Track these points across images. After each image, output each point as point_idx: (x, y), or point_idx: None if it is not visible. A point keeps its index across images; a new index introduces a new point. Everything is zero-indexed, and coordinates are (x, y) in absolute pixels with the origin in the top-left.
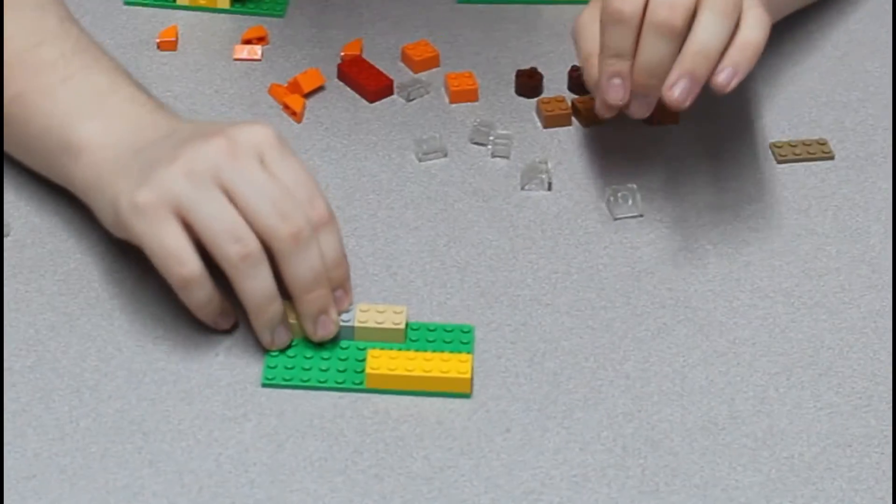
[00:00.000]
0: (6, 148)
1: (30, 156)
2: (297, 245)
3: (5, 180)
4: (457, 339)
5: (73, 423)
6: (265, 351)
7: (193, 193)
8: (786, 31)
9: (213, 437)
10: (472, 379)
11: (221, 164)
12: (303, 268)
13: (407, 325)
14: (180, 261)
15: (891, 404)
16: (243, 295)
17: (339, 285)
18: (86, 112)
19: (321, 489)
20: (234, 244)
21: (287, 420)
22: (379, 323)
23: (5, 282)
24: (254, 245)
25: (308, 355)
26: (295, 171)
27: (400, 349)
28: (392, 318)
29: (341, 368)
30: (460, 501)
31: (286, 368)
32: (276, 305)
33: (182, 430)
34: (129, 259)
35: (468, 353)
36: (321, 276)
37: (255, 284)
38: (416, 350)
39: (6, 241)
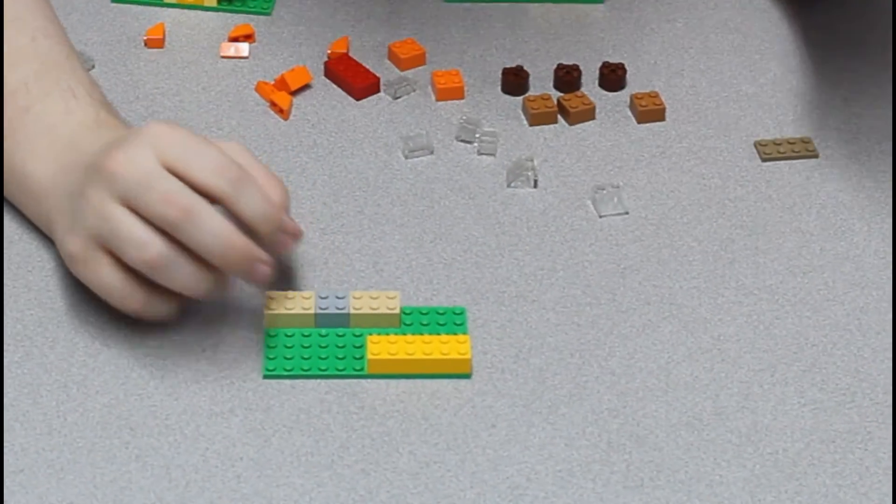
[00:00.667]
0: None
1: (6, 187)
2: (188, 218)
3: None
4: (450, 320)
5: (61, 418)
6: (255, 346)
7: (102, 230)
8: (771, 29)
9: (199, 432)
10: (471, 359)
11: (113, 183)
12: (206, 238)
13: (400, 309)
14: (121, 296)
15: (874, 401)
16: (173, 289)
17: (276, 231)
18: (40, 153)
19: (307, 484)
20: (139, 253)
21: (274, 415)
22: (374, 309)
23: None
24: (154, 249)
25: (306, 345)
26: (195, 150)
27: (396, 333)
28: (386, 303)
29: (340, 356)
30: (446, 496)
31: (286, 359)
32: (206, 286)
33: (169, 425)
34: None
35: (465, 333)
36: (230, 237)
37: (174, 280)
38: (413, 333)
39: None
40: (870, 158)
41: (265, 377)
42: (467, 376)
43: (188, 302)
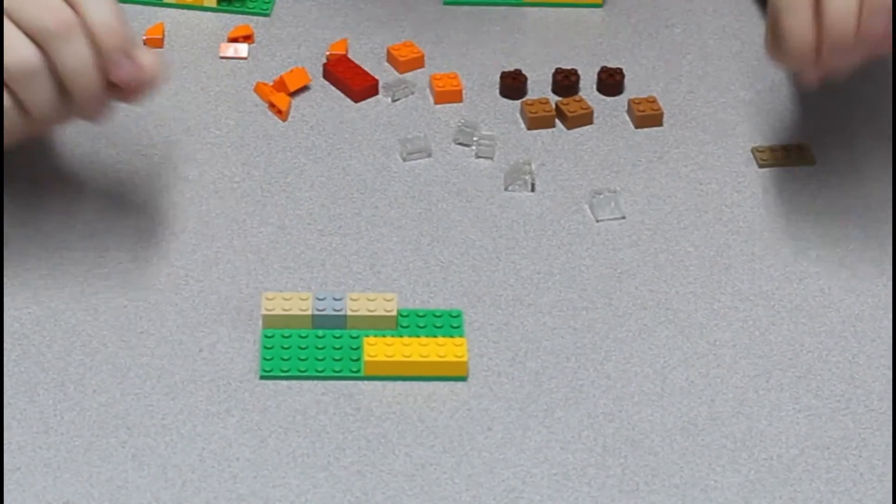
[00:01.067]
0: None
1: None
2: (62, 34)
3: None
4: (447, 323)
5: (57, 417)
6: (252, 346)
7: None
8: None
9: (196, 431)
10: (468, 362)
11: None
12: (72, 58)
13: (397, 312)
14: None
15: (869, 407)
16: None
17: (116, 50)
18: None
19: (303, 485)
20: (10, 54)
21: (270, 416)
22: (371, 311)
23: None
24: (20, 56)
25: (302, 346)
26: None
27: (393, 336)
28: (383, 305)
29: (337, 357)
30: (441, 499)
31: (282, 360)
32: (53, 110)
33: (166, 424)
34: (115, 253)
35: (461, 336)
36: (90, 63)
37: (33, 94)
38: (410, 336)
39: None
40: (866, 166)
41: (262, 378)
42: (463, 379)
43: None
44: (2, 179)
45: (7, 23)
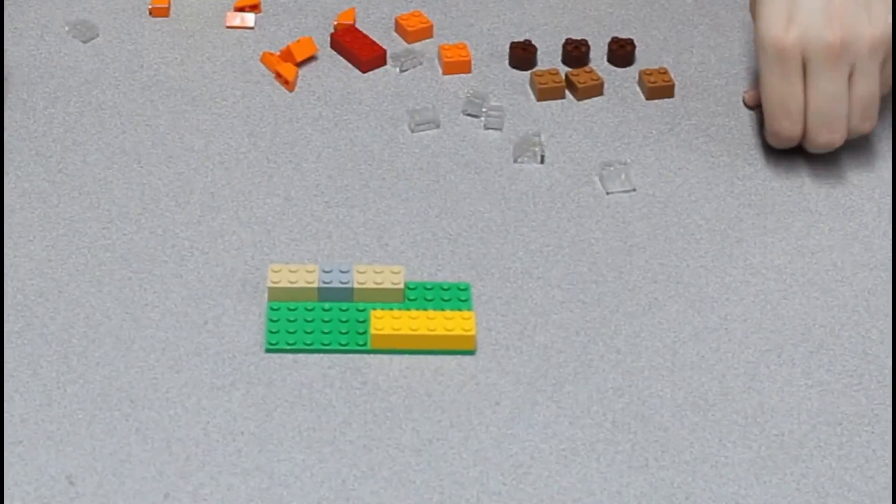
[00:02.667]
0: None
1: None
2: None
3: None
4: (455, 296)
5: (61, 390)
6: (257, 319)
7: None
8: None
9: (201, 405)
10: (476, 335)
11: None
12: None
13: (405, 284)
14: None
15: (881, 383)
16: None
17: None
18: None
19: (309, 459)
20: None
21: (276, 389)
22: (378, 283)
23: None
24: None
25: (308, 319)
26: None
27: (400, 308)
28: (390, 277)
29: (343, 331)
30: (449, 474)
31: (288, 333)
32: None
33: (170, 398)
34: (119, 226)
35: (469, 309)
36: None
37: None
38: (417, 309)
39: None
40: (880, 139)
41: (267, 351)
42: (471, 353)
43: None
44: (2, 169)
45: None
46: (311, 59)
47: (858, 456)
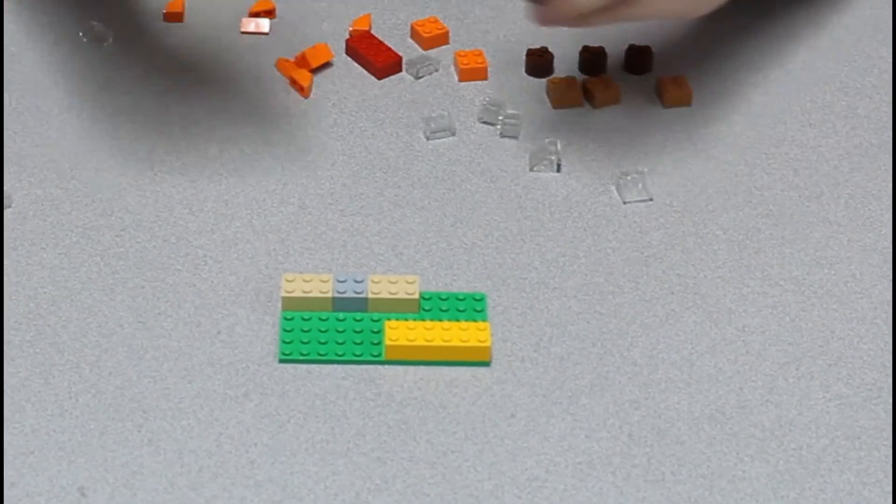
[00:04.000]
0: None
1: None
2: None
3: (6, 150)
4: (470, 307)
5: (73, 399)
6: (271, 329)
7: None
8: (799, 15)
9: (213, 416)
10: (491, 346)
11: None
12: None
13: (420, 294)
14: None
15: None
16: None
17: None
18: None
19: (322, 471)
20: None
21: (289, 400)
22: (392, 293)
23: (5, 255)
24: None
25: (323, 329)
26: None
27: (414, 319)
28: (405, 287)
29: (358, 341)
30: (463, 487)
31: (302, 343)
32: None
33: (182, 408)
34: (132, 234)
35: (484, 320)
36: None
37: None
38: (432, 319)
39: (7, 212)
40: None
41: (281, 361)
42: (486, 364)
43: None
44: (2, 171)
45: None
46: (327, 65)
47: (877, 470)
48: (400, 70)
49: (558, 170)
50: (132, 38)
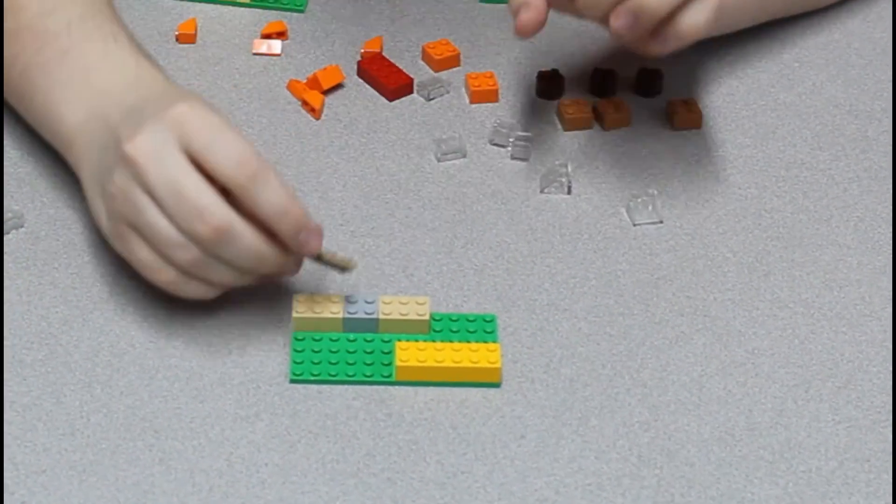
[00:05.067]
0: (24, 118)
1: (39, 131)
2: (222, 238)
3: (19, 170)
4: (481, 328)
5: (84, 419)
6: (282, 349)
7: (132, 213)
8: (809, 39)
9: (224, 435)
10: (501, 368)
11: (137, 172)
12: (240, 255)
13: (430, 315)
14: (154, 269)
15: None
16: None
17: (299, 229)
18: (73, 97)
19: (333, 491)
20: (164, 249)
21: (300, 420)
22: (403, 314)
23: (18, 274)
24: (184, 255)
25: (333, 349)
26: (216, 139)
27: (425, 340)
28: (416, 308)
29: (368, 361)
30: None
31: (313, 363)
32: (238, 280)
33: (194, 428)
34: None
35: (495, 342)
36: (261, 251)
37: (209, 277)
38: (442, 340)
39: (20, 232)
40: None
41: (291, 381)
42: (497, 385)
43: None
44: (1, 178)
45: (157, 215)
46: (338, 86)
47: (886, 493)
48: (411, 92)
49: (569, 192)
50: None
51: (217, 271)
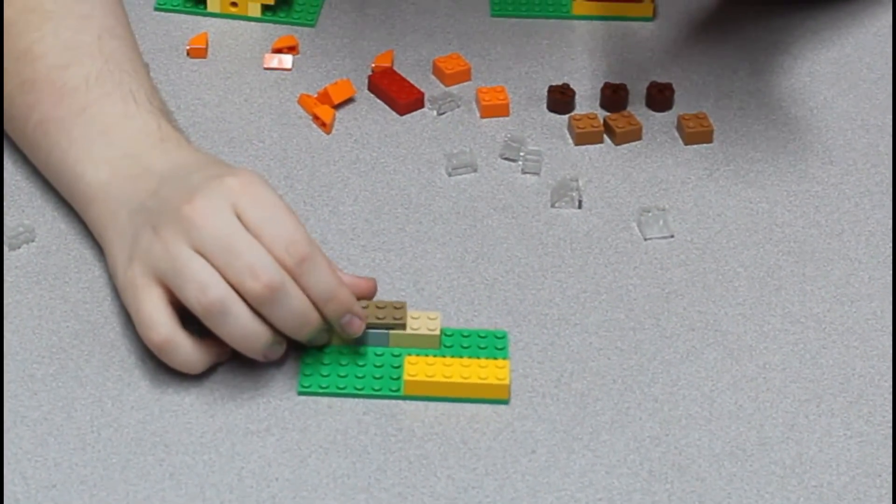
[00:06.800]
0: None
1: (54, 184)
2: (272, 296)
3: (30, 185)
4: (491, 344)
5: (95, 433)
6: (293, 362)
7: (167, 267)
8: (820, 53)
9: (235, 450)
10: (510, 385)
11: (192, 231)
12: (284, 315)
13: (441, 331)
14: (150, 325)
15: None
16: (223, 338)
17: (343, 314)
18: (94, 156)
19: None
20: (198, 297)
21: (311, 435)
22: (414, 329)
23: (29, 288)
24: (214, 294)
25: (343, 362)
26: (271, 216)
27: (435, 355)
28: (427, 323)
29: (377, 375)
30: None
31: (322, 376)
32: (259, 341)
33: (204, 442)
34: None
35: (504, 358)
36: (307, 316)
37: (228, 328)
38: (452, 356)
39: (31, 247)
40: None
41: (300, 394)
42: (505, 402)
43: (219, 359)
44: (2, 186)
45: (200, 261)
46: (349, 101)
47: None
48: (422, 106)
49: (580, 206)
50: (156, 74)
51: (237, 320)
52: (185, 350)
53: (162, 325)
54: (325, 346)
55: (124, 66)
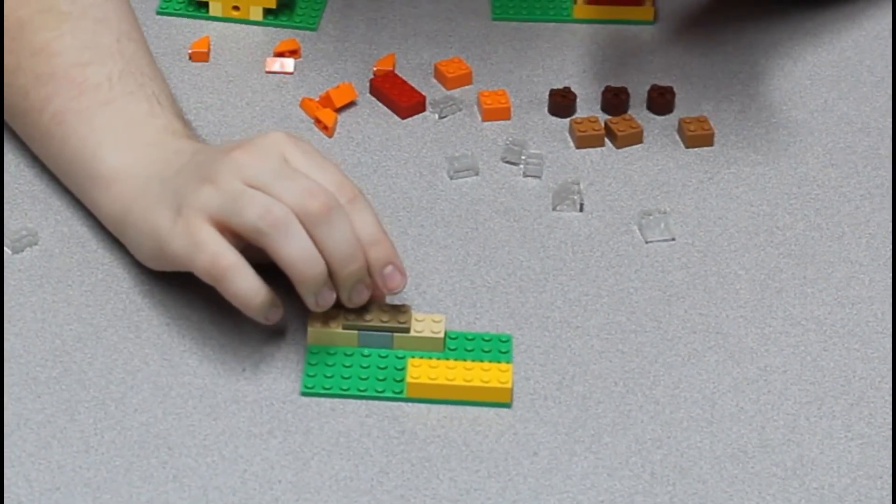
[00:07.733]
0: (45, 163)
1: (63, 176)
2: (327, 215)
3: (33, 188)
4: (495, 348)
5: (98, 436)
6: (295, 364)
7: (224, 201)
8: (821, 54)
9: (238, 453)
10: (512, 388)
11: (245, 168)
12: (338, 239)
13: (445, 333)
14: (216, 254)
15: None
16: (281, 261)
17: (386, 263)
18: (118, 142)
19: None
20: (262, 215)
21: (314, 437)
22: (418, 332)
23: (32, 292)
24: (279, 211)
25: (347, 364)
26: (319, 164)
27: (439, 358)
28: (431, 326)
29: (381, 377)
30: None
31: (325, 377)
32: (318, 267)
33: (207, 445)
34: (158, 272)
35: (508, 362)
36: (356, 248)
37: (291, 246)
38: (456, 359)
39: (34, 250)
40: None
41: (303, 394)
42: (507, 405)
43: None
44: (2, 185)
45: (257, 192)
46: (351, 104)
47: None
48: (423, 110)
49: (581, 209)
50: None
51: (293, 238)
52: (250, 276)
53: (227, 250)
54: (329, 307)
55: (144, 70)
